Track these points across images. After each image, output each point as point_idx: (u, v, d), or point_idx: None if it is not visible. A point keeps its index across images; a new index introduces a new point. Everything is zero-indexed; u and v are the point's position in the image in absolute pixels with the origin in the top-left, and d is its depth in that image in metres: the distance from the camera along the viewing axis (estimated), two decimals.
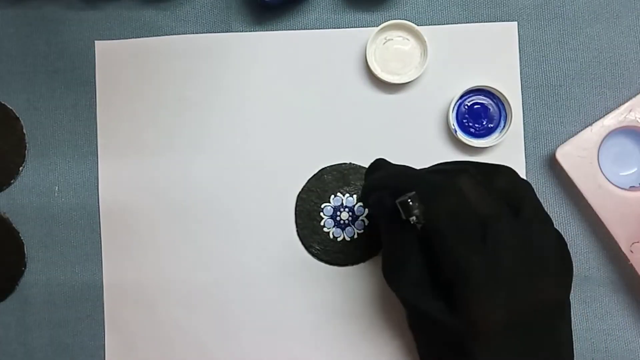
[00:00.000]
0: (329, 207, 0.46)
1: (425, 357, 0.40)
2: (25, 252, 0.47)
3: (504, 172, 0.37)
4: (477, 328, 0.33)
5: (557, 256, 0.36)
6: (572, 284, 0.45)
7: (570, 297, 0.45)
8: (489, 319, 0.33)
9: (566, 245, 0.37)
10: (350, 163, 0.46)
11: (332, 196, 0.46)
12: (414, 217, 0.33)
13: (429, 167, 0.39)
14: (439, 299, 0.35)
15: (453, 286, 0.33)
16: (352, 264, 0.46)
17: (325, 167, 0.46)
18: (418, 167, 0.46)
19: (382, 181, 0.38)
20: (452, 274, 0.33)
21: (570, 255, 0.37)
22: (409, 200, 0.33)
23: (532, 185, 0.45)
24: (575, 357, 0.45)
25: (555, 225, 0.45)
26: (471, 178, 0.35)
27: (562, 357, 0.36)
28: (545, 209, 0.45)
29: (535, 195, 0.37)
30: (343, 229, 0.46)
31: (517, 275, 0.33)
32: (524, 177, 0.45)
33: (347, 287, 0.46)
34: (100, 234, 0.47)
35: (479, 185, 0.35)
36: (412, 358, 0.46)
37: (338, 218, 0.46)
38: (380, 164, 0.40)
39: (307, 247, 0.46)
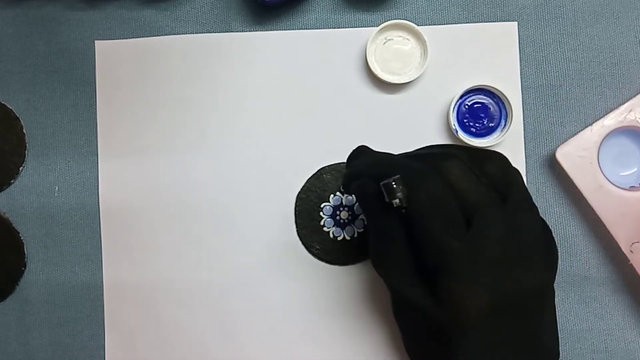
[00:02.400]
0: (329, 207, 0.46)
1: (409, 346, 0.39)
2: (25, 252, 0.47)
3: (495, 158, 0.37)
4: (459, 315, 0.33)
5: (542, 244, 0.36)
6: (572, 284, 0.45)
7: (570, 297, 0.45)
8: (471, 306, 0.33)
9: (551, 233, 0.37)
10: None
11: (332, 195, 0.46)
12: (397, 200, 0.33)
13: (417, 150, 0.39)
14: (423, 285, 0.34)
15: (436, 273, 0.33)
16: (353, 262, 0.46)
17: (325, 167, 0.46)
18: None
19: (365, 168, 0.37)
20: (435, 260, 0.33)
21: (555, 244, 0.37)
22: (393, 182, 0.33)
23: (532, 185, 0.45)
24: (573, 354, 0.45)
25: (555, 225, 0.46)
26: (461, 163, 0.35)
27: (546, 345, 0.36)
28: (545, 209, 0.46)
29: (524, 182, 0.37)
30: (343, 228, 0.46)
31: (501, 263, 0.33)
32: (525, 178, 0.45)
33: (348, 286, 0.46)
34: (100, 234, 0.47)
35: (469, 171, 0.35)
36: None
37: (338, 217, 0.46)
38: (362, 151, 0.39)
39: (308, 247, 0.46)
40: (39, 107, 0.48)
